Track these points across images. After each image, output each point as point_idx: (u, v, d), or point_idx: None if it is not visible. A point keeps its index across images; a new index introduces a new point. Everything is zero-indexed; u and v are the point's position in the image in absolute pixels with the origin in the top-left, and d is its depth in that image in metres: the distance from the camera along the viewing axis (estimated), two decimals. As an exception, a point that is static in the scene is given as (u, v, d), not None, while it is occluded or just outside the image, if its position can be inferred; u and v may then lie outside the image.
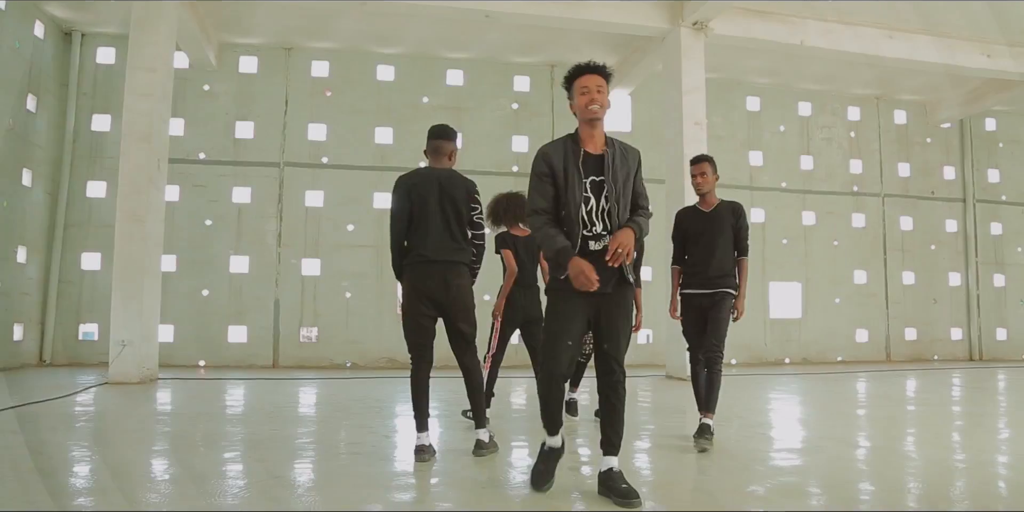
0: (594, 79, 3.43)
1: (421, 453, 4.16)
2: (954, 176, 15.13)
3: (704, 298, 4.87)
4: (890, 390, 8.83)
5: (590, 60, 3.52)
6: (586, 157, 3.43)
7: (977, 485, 3.75)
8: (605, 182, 3.40)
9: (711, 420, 4.70)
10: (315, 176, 12.06)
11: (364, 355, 11.56)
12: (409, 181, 4.42)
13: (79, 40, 11.33)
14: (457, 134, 4.67)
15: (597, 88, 3.41)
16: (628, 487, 3.28)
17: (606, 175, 3.40)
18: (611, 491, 3.30)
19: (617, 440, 3.41)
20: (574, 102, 3.48)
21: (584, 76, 3.44)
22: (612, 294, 3.41)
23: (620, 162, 3.45)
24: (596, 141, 3.47)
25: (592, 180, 3.40)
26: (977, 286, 14.83)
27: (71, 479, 3.69)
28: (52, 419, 5.59)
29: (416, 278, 4.32)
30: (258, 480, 3.70)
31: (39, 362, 10.67)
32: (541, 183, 3.44)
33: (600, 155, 3.44)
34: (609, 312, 3.42)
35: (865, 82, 13.91)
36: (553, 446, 3.53)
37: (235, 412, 6.48)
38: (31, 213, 10.42)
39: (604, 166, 3.41)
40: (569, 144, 3.48)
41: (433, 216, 4.33)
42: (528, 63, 12.94)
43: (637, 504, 3.19)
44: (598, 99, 3.40)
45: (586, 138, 3.47)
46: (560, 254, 3.32)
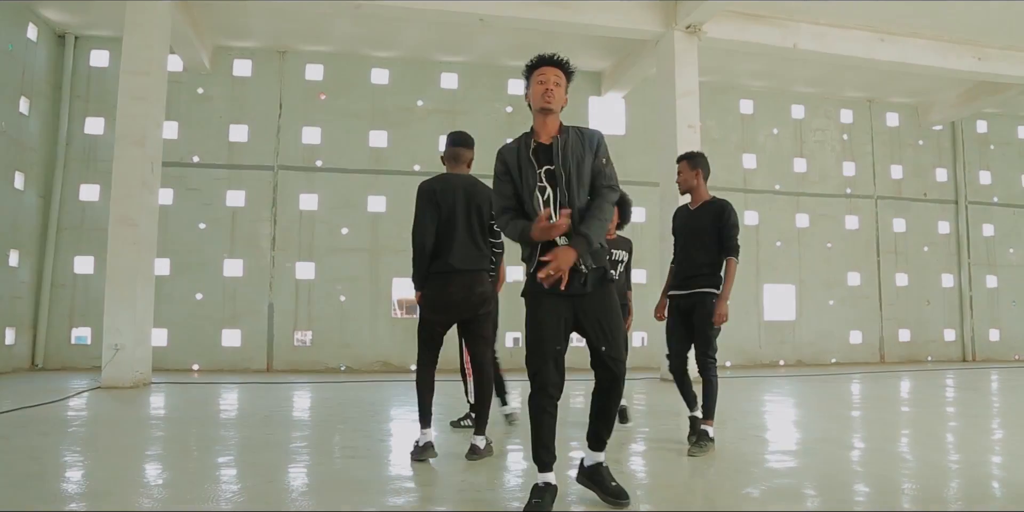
0: (553, 71, 3.35)
1: (425, 451, 4.21)
2: (946, 178, 15.20)
3: (682, 299, 4.79)
4: (884, 391, 8.85)
5: (555, 53, 3.43)
6: (537, 147, 3.33)
7: (971, 486, 3.75)
8: (556, 170, 3.27)
9: (711, 427, 4.65)
10: (309, 179, 12.04)
11: (358, 359, 11.53)
12: (433, 187, 4.42)
13: (72, 43, 11.31)
14: (474, 141, 4.68)
15: (555, 81, 3.33)
16: (618, 486, 3.28)
17: (555, 163, 3.28)
18: (600, 488, 3.30)
19: (607, 436, 3.38)
20: (530, 91, 3.39)
21: (544, 67, 3.36)
22: (592, 293, 3.25)
23: (572, 148, 3.30)
24: (549, 131, 3.36)
25: (546, 169, 3.29)
26: (970, 287, 14.88)
27: (64, 484, 3.67)
28: (44, 424, 5.56)
29: (439, 287, 4.32)
30: (252, 485, 3.69)
31: (31, 366, 10.63)
32: (500, 183, 3.38)
33: (549, 144, 3.33)
34: (595, 312, 3.25)
35: (857, 85, 13.97)
36: (548, 482, 3.18)
37: (229, 416, 6.45)
38: (24, 216, 10.38)
39: (553, 154, 3.30)
40: (523, 138, 3.41)
41: (459, 224, 4.34)
42: (522, 67, 12.88)
43: (627, 504, 3.20)
44: (554, 91, 3.31)
45: (539, 129, 3.37)
46: (523, 232, 3.20)
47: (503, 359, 6.58)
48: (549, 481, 3.17)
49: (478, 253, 4.37)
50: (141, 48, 8.85)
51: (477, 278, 4.35)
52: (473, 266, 4.33)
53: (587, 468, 3.39)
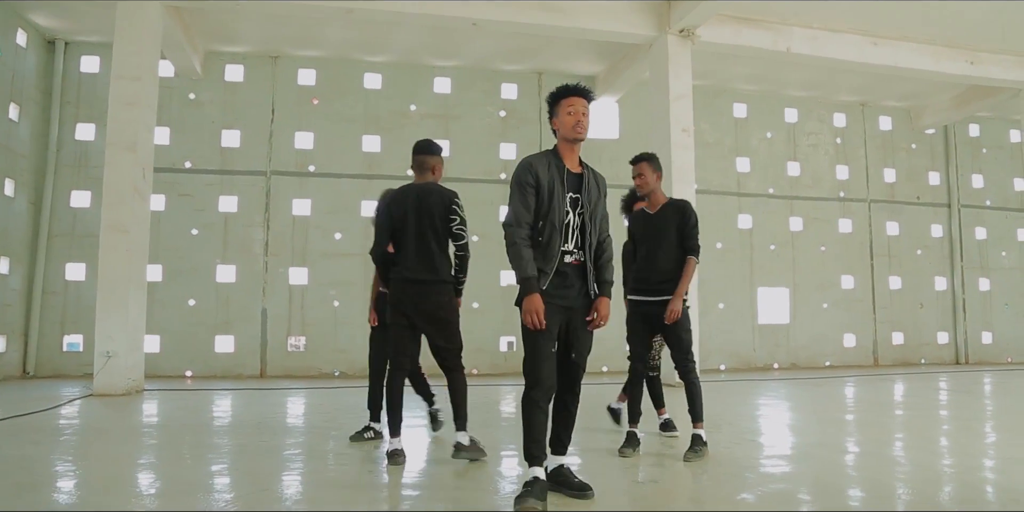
0: (582, 102, 3.57)
1: (395, 457, 4.26)
2: (939, 181, 15.25)
3: (651, 305, 4.68)
4: (878, 395, 8.85)
5: (579, 82, 3.66)
6: (569, 175, 3.58)
7: (965, 490, 3.74)
8: (581, 199, 3.56)
9: (702, 430, 4.63)
10: (302, 184, 12.01)
11: (352, 364, 11.49)
12: (389, 197, 4.51)
13: (62, 49, 11.27)
14: (440, 148, 4.68)
15: (583, 111, 3.57)
16: (581, 481, 3.52)
17: (582, 194, 3.57)
18: (565, 486, 3.51)
19: (567, 441, 3.64)
20: (558, 119, 3.60)
21: (573, 97, 3.57)
22: (580, 309, 3.56)
23: (593, 184, 3.63)
24: (574, 160, 3.64)
25: (571, 196, 3.55)
26: (963, 290, 14.93)
27: (56, 495, 3.63)
28: (36, 433, 5.51)
29: (395, 295, 4.38)
30: (245, 493, 3.65)
31: (22, 374, 10.56)
32: (525, 194, 3.48)
33: (579, 174, 3.62)
34: (578, 326, 3.56)
35: (850, 88, 14.02)
36: (538, 476, 3.37)
37: (222, 424, 6.41)
38: (14, 223, 10.32)
39: (582, 185, 3.58)
40: (552, 159, 3.59)
41: (410, 233, 4.37)
42: (516, 71, 12.95)
43: (590, 494, 3.44)
44: (583, 122, 3.55)
45: (566, 155, 3.62)
46: (525, 283, 3.40)
47: (498, 364, 6.56)
48: (538, 476, 3.36)
49: (431, 263, 4.35)
50: (132, 53, 8.82)
51: (430, 288, 4.35)
52: (424, 276, 4.33)
53: (551, 472, 3.57)
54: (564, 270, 3.50)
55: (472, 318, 11.85)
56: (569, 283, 3.50)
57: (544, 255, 3.46)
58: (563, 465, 3.59)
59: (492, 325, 12.12)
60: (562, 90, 3.61)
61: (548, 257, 3.46)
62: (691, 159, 10.36)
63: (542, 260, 3.45)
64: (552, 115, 3.65)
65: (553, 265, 3.45)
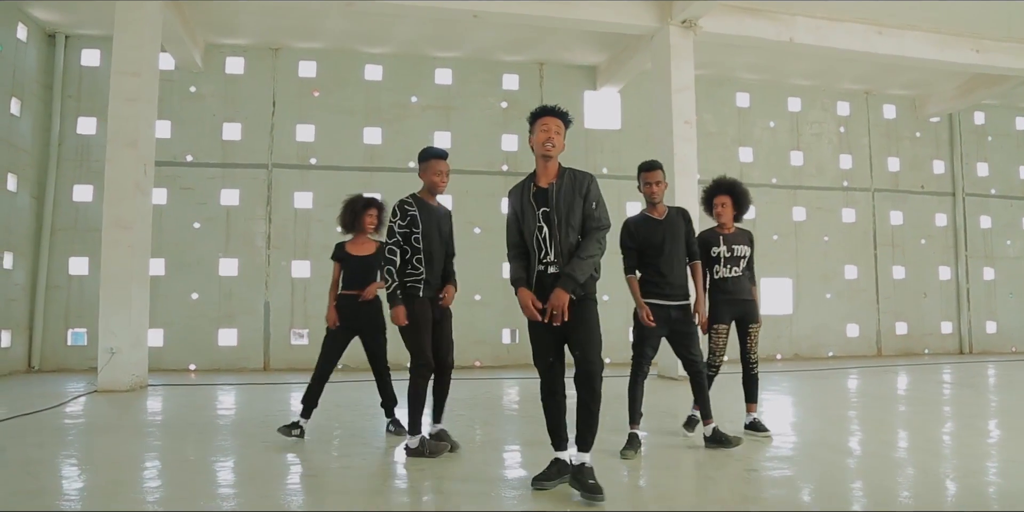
0: (555, 121, 3.90)
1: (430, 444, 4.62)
2: (943, 170, 15.17)
3: (674, 310, 4.85)
4: (881, 388, 8.86)
5: (556, 105, 3.99)
6: (536, 191, 3.90)
7: (967, 494, 3.75)
8: (550, 213, 3.82)
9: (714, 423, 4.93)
10: (304, 177, 11.98)
11: (355, 357, 11.28)
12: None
13: (63, 42, 11.21)
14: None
15: (556, 129, 3.89)
16: (595, 483, 3.58)
17: (549, 206, 3.83)
18: (580, 485, 3.61)
19: (591, 438, 3.72)
20: (533, 137, 3.93)
21: (548, 117, 3.91)
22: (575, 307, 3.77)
23: (565, 192, 3.84)
24: (548, 174, 3.92)
25: (543, 210, 3.85)
26: (967, 280, 14.89)
27: (61, 502, 3.64)
28: (40, 433, 5.55)
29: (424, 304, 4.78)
30: (249, 498, 3.67)
31: (28, 368, 10.60)
32: (509, 223, 4.02)
33: (547, 188, 3.88)
34: (574, 327, 3.76)
35: (854, 77, 13.91)
36: (559, 458, 3.83)
37: (226, 421, 6.43)
38: (17, 218, 10.32)
39: (548, 198, 3.85)
40: (527, 182, 3.98)
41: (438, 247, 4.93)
42: (517, 62, 12.86)
43: (600, 500, 3.50)
44: (554, 140, 3.88)
45: (540, 173, 3.94)
46: (515, 283, 3.91)
47: (501, 355, 6.57)
48: (560, 457, 3.82)
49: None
50: (132, 48, 8.77)
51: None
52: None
53: (574, 468, 3.72)
54: (546, 282, 3.81)
55: (474, 310, 11.87)
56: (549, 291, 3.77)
57: (527, 266, 3.93)
58: (584, 463, 3.68)
59: (494, 317, 12.12)
60: (540, 110, 3.95)
61: (529, 267, 3.92)
62: (693, 151, 10.31)
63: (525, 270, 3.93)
64: (530, 133, 3.98)
65: (532, 274, 3.86)
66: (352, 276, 5.56)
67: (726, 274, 5.47)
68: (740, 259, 5.48)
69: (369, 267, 5.58)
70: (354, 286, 5.51)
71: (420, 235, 4.68)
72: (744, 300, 5.48)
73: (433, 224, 4.75)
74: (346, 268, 5.62)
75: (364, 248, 5.67)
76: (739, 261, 5.48)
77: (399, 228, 4.68)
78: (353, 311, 5.48)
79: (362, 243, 5.70)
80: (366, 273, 5.57)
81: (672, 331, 4.87)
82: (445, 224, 4.90)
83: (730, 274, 5.47)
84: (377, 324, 5.54)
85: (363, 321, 5.51)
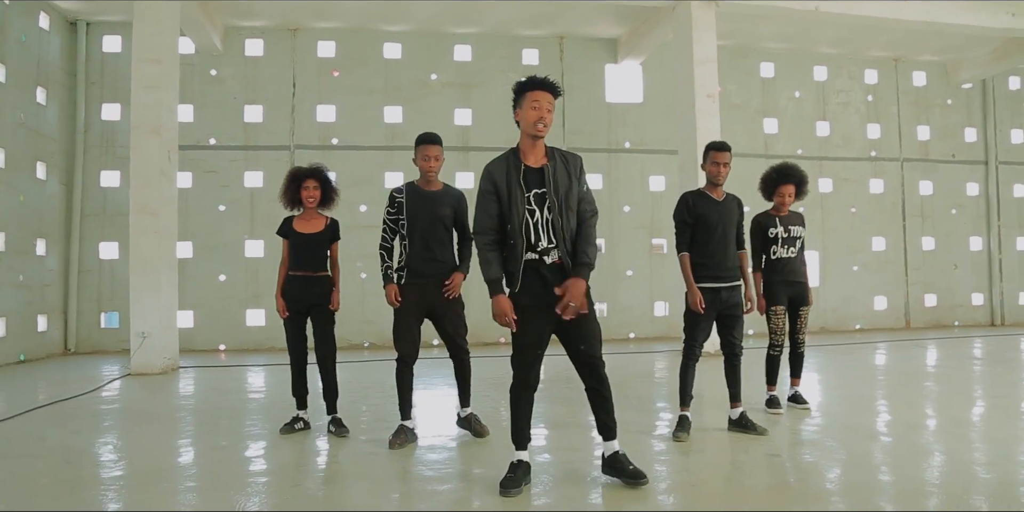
0: (547, 97, 3.54)
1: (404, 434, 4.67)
2: (976, 138, 14.82)
3: (724, 291, 4.84)
4: (908, 365, 8.78)
5: (546, 75, 3.64)
6: (527, 171, 3.58)
7: (998, 486, 3.73)
8: (547, 194, 3.55)
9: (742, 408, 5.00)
10: (325, 158, 11.98)
11: (381, 335, 11.64)
12: None
13: (84, 29, 11.29)
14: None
15: (548, 107, 3.55)
16: (636, 468, 3.62)
17: (547, 187, 3.55)
18: (620, 473, 3.63)
19: (613, 425, 3.72)
20: (522, 112, 3.57)
21: (538, 91, 3.54)
22: None
23: (561, 174, 3.59)
24: (537, 154, 3.63)
25: (535, 192, 3.56)
26: (999, 250, 14.63)
27: (99, 495, 3.75)
28: (78, 420, 5.70)
29: None
30: (279, 487, 3.76)
31: (64, 351, 10.87)
32: (485, 200, 3.61)
33: (540, 168, 3.60)
34: (578, 320, 3.57)
35: (883, 44, 13.58)
36: (522, 459, 3.67)
37: (257, 405, 6.55)
38: (47, 205, 10.50)
39: (544, 179, 3.57)
40: (511, 159, 3.63)
41: None
42: (537, 36, 12.72)
43: (645, 482, 3.58)
44: (546, 118, 3.55)
45: (527, 151, 3.62)
46: (489, 285, 3.57)
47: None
48: (523, 458, 3.65)
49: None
50: (152, 35, 8.80)
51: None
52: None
53: (607, 458, 3.73)
54: (543, 272, 3.55)
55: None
56: (548, 283, 3.54)
57: (511, 256, 3.58)
58: (618, 451, 3.68)
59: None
60: (528, 82, 3.57)
61: (514, 258, 3.57)
62: (716, 125, 10.18)
63: (510, 261, 3.59)
64: (516, 106, 3.61)
65: (519, 265, 3.55)
66: (297, 255, 5.11)
67: (783, 255, 5.61)
68: (796, 240, 5.63)
69: (316, 245, 5.15)
70: (300, 266, 5.09)
71: (406, 223, 4.69)
72: (798, 282, 5.66)
73: (424, 210, 4.68)
74: (291, 246, 5.15)
75: (311, 225, 5.21)
76: (795, 241, 5.62)
77: (388, 215, 4.80)
78: (303, 291, 5.08)
79: (309, 219, 5.24)
80: (312, 252, 5.13)
81: (720, 314, 4.88)
82: (444, 207, 4.74)
83: (787, 254, 5.61)
84: (325, 305, 5.13)
85: (313, 300, 5.09)
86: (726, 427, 5.01)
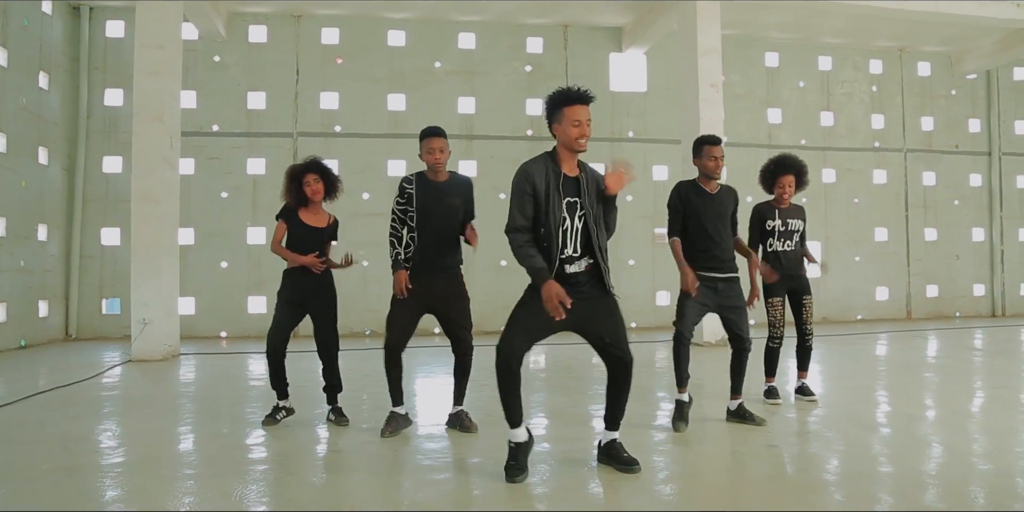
0: (586, 111, 3.58)
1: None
2: (979, 129, 14.77)
3: (720, 281, 4.81)
4: (909, 356, 8.80)
5: (579, 86, 3.63)
6: (565, 179, 3.63)
7: (999, 480, 3.74)
8: (580, 203, 3.62)
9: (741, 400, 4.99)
10: (328, 145, 12.00)
11: (383, 323, 11.58)
12: None
13: (87, 14, 11.25)
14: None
15: (588, 121, 3.59)
16: (630, 456, 3.76)
17: (581, 197, 3.63)
18: (614, 460, 3.77)
19: (621, 417, 3.85)
20: (561, 127, 3.60)
21: (577, 106, 3.56)
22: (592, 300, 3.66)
23: (592, 186, 3.67)
24: (571, 163, 3.69)
25: (568, 201, 3.61)
26: (1001, 241, 14.61)
27: (97, 482, 3.77)
28: (78, 406, 5.74)
29: None
30: (276, 475, 3.78)
31: (65, 337, 10.91)
32: (523, 201, 3.59)
33: (576, 177, 3.67)
34: (596, 314, 3.65)
35: (888, 34, 13.50)
36: (518, 441, 3.65)
37: (257, 392, 6.57)
38: (49, 191, 10.50)
39: (580, 188, 3.64)
40: (550, 164, 3.65)
41: None
42: (541, 24, 12.66)
43: (637, 469, 3.70)
44: (588, 133, 3.60)
45: (566, 160, 3.67)
46: (537, 274, 3.54)
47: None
48: (518, 440, 3.64)
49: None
50: (155, 21, 8.77)
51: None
52: None
53: (603, 446, 3.87)
54: (573, 279, 3.61)
55: (500, 276, 11.87)
56: (577, 289, 3.60)
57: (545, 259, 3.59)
58: (615, 440, 3.83)
59: (520, 283, 12.07)
60: (566, 96, 3.58)
61: (548, 262, 3.59)
62: (720, 115, 10.14)
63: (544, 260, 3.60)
64: (553, 120, 3.64)
65: (553, 268, 3.56)
66: (300, 246, 5.02)
67: (779, 248, 5.59)
68: (794, 233, 5.60)
69: (319, 239, 5.09)
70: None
71: (415, 213, 4.65)
72: (797, 275, 5.65)
73: (433, 201, 4.64)
74: (292, 235, 5.03)
75: (317, 219, 5.13)
76: (793, 235, 5.60)
77: (397, 206, 4.75)
78: (304, 281, 5.05)
79: (316, 213, 5.14)
80: (312, 246, 5.04)
81: (720, 306, 4.80)
82: (454, 198, 4.69)
83: (783, 248, 5.58)
84: (327, 299, 5.12)
85: (313, 292, 5.07)
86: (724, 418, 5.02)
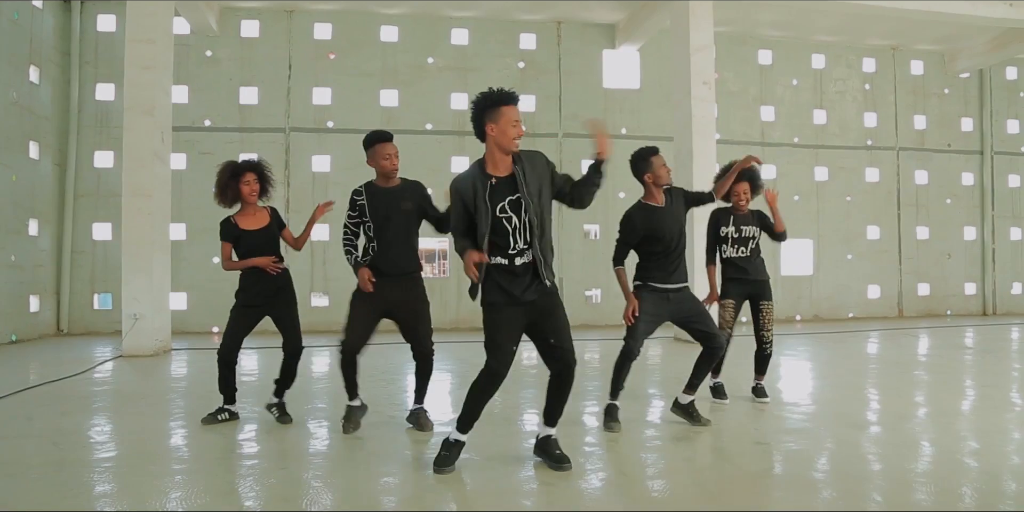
0: (517, 112, 3.61)
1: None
2: (972, 128, 14.82)
3: (672, 292, 4.62)
4: (900, 354, 8.83)
5: (511, 88, 3.66)
6: (498, 182, 3.62)
7: (986, 480, 3.76)
8: (522, 198, 3.59)
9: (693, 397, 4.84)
10: (321, 141, 11.98)
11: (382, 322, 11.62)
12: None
13: (78, 8, 11.20)
14: None
15: (522, 120, 3.64)
16: (561, 453, 3.80)
17: (521, 192, 3.60)
18: (546, 455, 3.82)
19: (559, 415, 3.86)
20: (500, 127, 3.57)
21: (513, 107, 3.60)
22: (537, 301, 3.66)
23: (530, 173, 3.63)
24: (505, 163, 3.65)
25: (509, 200, 3.60)
26: (993, 240, 14.67)
27: (84, 476, 3.76)
28: (67, 401, 5.72)
29: None
30: (265, 473, 3.78)
31: (56, 332, 10.87)
32: (457, 214, 3.72)
33: (510, 175, 3.63)
34: (543, 315, 3.68)
35: (881, 32, 13.54)
36: (459, 439, 3.79)
37: (248, 388, 6.54)
38: (40, 185, 10.45)
39: (517, 184, 3.61)
40: (478, 174, 3.66)
41: None
42: (534, 20, 12.64)
43: (568, 468, 3.73)
44: (522, 133, 3.63)
45: (497, 163, 3.65)
46: (462, 249, 3.62)
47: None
48: (460, 439, 3.78)
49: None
50: (146, 15, 8.74)
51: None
52: None
53: (540, 440, 3.90)
54: (520, 269, 3.63)
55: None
56: (519, 281, 3.63)
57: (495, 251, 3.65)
58: (551, 436, 3.87)
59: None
60: (508, 96, 3.59)
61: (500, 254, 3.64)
62: (712, 112, 10.16)
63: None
64: (489, 120, 3.58)
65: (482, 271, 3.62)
66: (254, 252, 4.95)
67: (732, 254, 5.51)
68: (748, 240, 5.49)
69: (270, 238, 5.02)
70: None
71: (371, 223, 4.58)
72: (756, 281, 5.53)
73: (388, 209, 4.56)
74: (242, 247, 4.94)
75: (257, 219, 5.03)
76: (747, 242, 5.49)
77: (349, 219, 4.68)
78: (263, 284, 4.97)
79: (252, 214, 5.03)
80: (268, 246, 4.99)
81: (675, 315, 4.64)
82: (407, 202, 4.59)
83: (736, 255, 5.50)
84: (287, 298, 5.08)
85: (272, 292, 5.01)
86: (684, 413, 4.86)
